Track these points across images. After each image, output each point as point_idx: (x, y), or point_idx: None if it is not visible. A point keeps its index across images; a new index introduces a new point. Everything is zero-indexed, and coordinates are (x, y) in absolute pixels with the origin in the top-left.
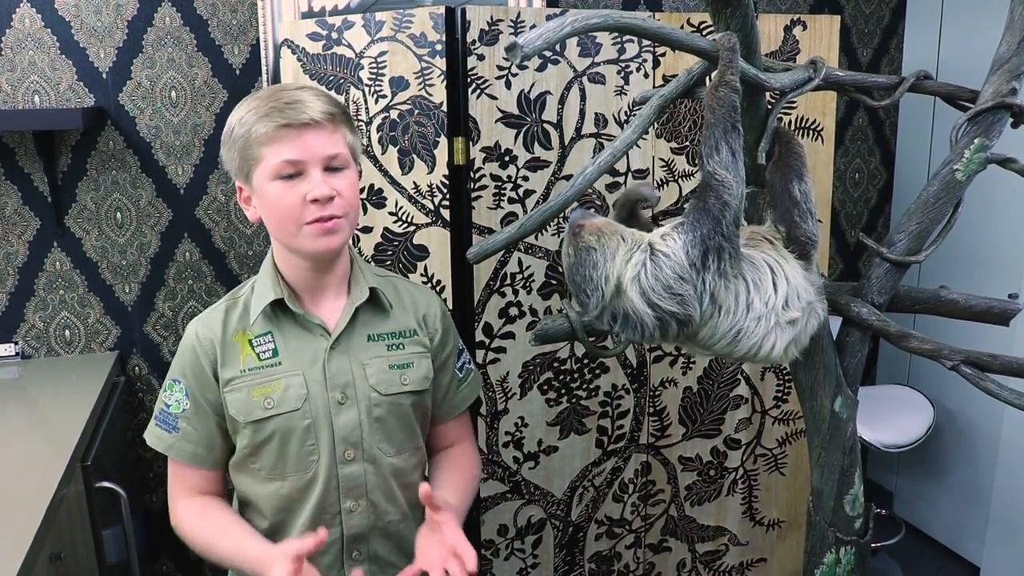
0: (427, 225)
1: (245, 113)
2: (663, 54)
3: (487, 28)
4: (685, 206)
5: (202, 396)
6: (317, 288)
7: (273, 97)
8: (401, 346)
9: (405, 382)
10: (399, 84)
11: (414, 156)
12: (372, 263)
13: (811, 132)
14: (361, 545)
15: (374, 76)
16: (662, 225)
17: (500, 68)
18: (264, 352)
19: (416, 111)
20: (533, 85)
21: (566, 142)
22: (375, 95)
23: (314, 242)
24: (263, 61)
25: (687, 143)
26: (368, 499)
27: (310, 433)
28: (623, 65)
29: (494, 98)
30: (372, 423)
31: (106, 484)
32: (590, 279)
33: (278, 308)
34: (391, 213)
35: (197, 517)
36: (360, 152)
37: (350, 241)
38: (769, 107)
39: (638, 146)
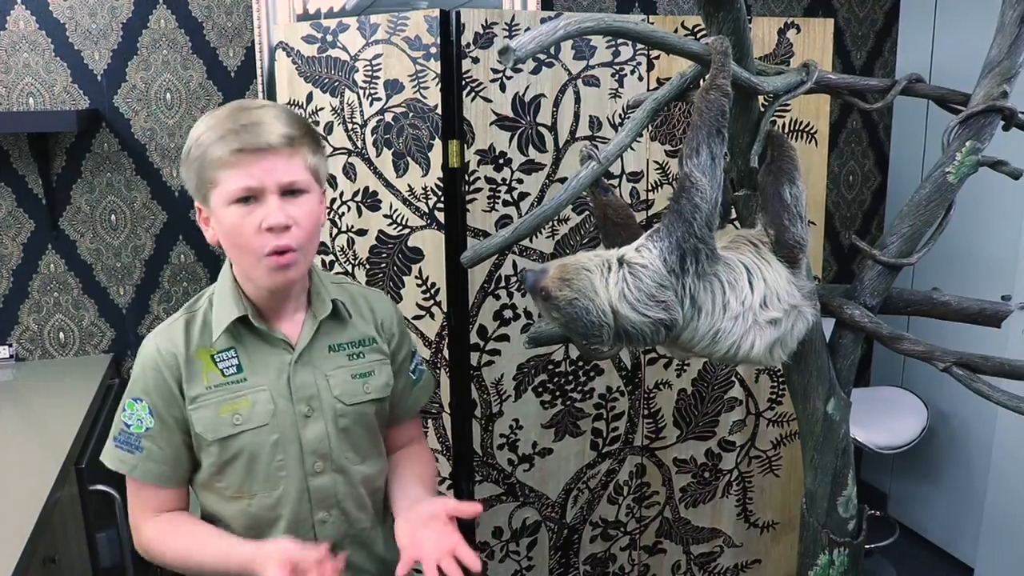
0: (422, 228)
1: (203, 132)
2: (657, 57)
3: (481, 31)
4: None
5: (168, 413)
6: (278, 304)
7: (231, 118)
8: (361, 355)
9: (368, 390)
10: (394, 87)
11: (409, 159)
12: (323, 270)
13: (805, 135)
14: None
15: (369, 79)
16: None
17: (494, 71)
18: (228, 368)
19: (411, 114)
20: (527, 88)
21: (560, 145)
22: (370, 98)
23: (271, 276)
24: (258, 64)
25: (681, 146)
26: (339, 508)
27: (278, 448)
28: (617, 68)
29: (488, 101)
30: (339, 433)
31: (100, 487)
32: (591, 324)
33: (240, 323)
34: (385, 216)
35: (169, 533)
36: (325, 173)
37: None
38: (762, 110)
39: (632, 149)
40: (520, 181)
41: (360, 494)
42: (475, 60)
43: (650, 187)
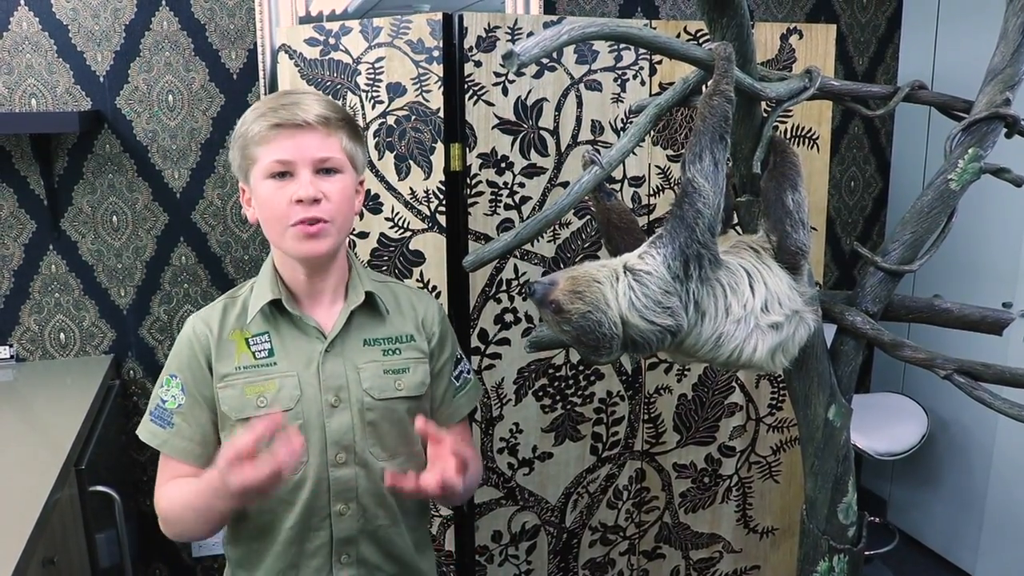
0: (423, 231)
1: (248, 114)
2: (659, 62)
3: (484, 35)
4: None
5: (198, 391)
6: (314, 292)
7: (274, 99)
8: (397, 351)
9: (400, 387)
10: (396, 90)
11: (411, 162)
12: (370, 268)
13: (807, 141)
14: (350, 548)
15: (371, 82)
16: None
17: (497, 75)
18: (260, 351)
19: (413, 117)
20: (530, 92)
21: (562, 149)
22: (372, 101)
23: (298, 245)
24: (260, 66)
25: (683, 151)
26: (358, 503)
27: (300, 434)
28: (620, 72)
29: (491, 104)
30: (365, 427)
31: (100, 488)
32: (603, 336)
33: (276, 309)
34: (387, 219)
35: (168, 490)
36: (363, 162)
37: (347, 246)
38: (765, 116)
39: (634, 154)
40: (522, 185)
41: (381, 491)
42: (477, 64)
43: (652, 192)
